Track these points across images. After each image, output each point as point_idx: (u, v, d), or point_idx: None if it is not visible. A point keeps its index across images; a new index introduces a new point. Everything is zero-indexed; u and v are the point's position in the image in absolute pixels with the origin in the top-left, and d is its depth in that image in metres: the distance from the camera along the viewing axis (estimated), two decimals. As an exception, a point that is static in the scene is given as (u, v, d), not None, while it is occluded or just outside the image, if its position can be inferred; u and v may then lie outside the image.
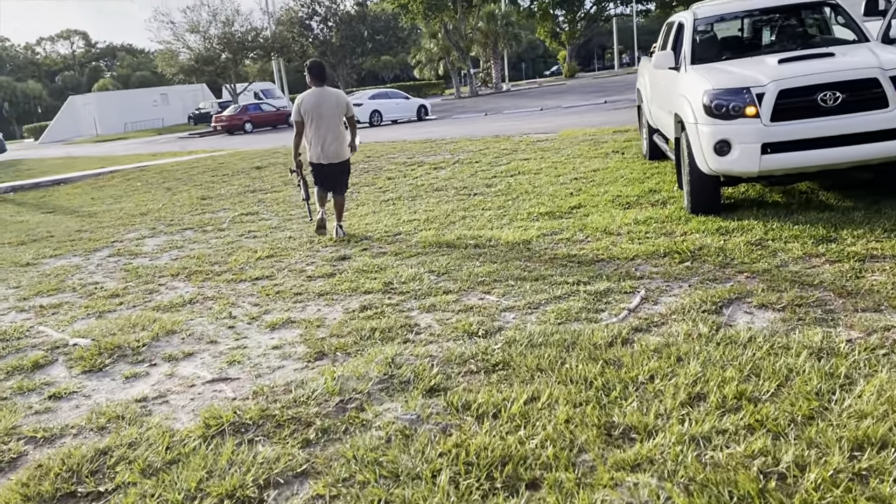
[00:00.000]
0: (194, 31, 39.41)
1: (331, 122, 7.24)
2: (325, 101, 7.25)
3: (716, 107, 5.85)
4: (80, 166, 21.34)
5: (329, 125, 7.23)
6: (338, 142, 7.31)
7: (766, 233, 5.53)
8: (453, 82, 51.00)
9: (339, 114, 7.31)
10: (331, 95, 7.34)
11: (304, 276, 5.94)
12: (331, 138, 7.26)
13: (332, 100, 7.30)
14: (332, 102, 7.29)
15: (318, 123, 7.23)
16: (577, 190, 8.37)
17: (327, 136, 7.23)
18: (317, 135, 7.25)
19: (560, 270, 5.25)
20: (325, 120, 7.21)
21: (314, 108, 7.22)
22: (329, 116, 7.22)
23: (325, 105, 7.23)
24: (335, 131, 7.28)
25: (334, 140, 7.29)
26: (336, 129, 7.29)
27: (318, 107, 7.21)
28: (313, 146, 7.32)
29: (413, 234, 7.13)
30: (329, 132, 7.24)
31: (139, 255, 7.59)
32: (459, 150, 13.51)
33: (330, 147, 7.27)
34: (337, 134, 7.30)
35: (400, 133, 21.45)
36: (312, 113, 7.22)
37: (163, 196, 12.55)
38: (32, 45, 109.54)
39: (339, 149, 7.35)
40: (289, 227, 8.39)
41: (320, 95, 7.28)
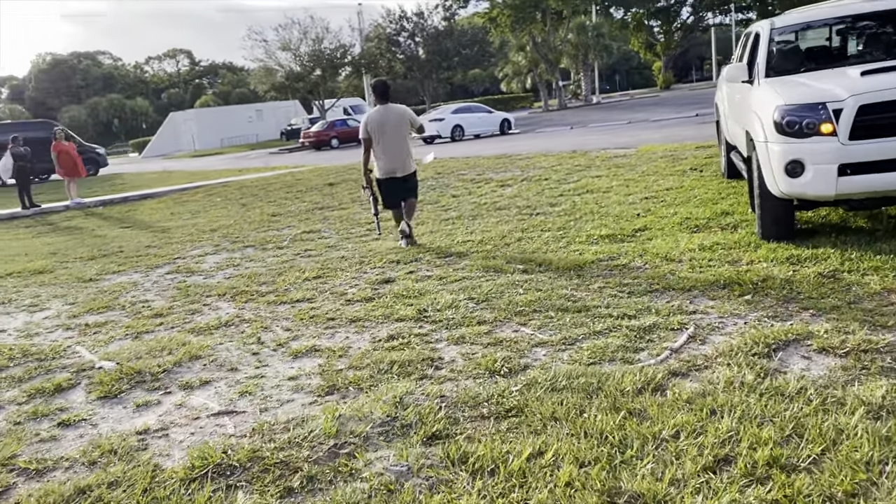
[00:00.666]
0: (286, 49, 40.60)
1: (396, 137, 7.43)
2: (389, 117, 7.44)
3: (787, 124, 5.33)
4: (173, 181, 22.18)
5: (395, 140, 7.42)
6: (404, 155, 7.52)
7: (841, 263, 4.97)
8: (541, 95, 50.52)
9: (404, 129, 7.49)
10: (395, 111, 7.51)
11: (343, 299, 5.77)
12: (398, 152, 7.46)
13: (396, 116, 7.48)
14: (396, 118, 7.46)
15: (384, 139, 7.42)
16: (645, 211, 7.90)
17: (394, 151, 7.44)
18: (384, 150, 7.45)
19: (607, 301, 4.86)
20: (390, 135, 7.39)
21: (380, 125, 7.40)
22: (394, 132, 7.41)
23: (390, 121, 7.42)
24: (401, 146, 7.48)
25: (400, 154, 7.49)
26: (402, 143, 7.48)
27: (383, 124, 7.40)
28: (382, 162, 7.53)
29: (464, 257, 6.86)
30: (395, 147, 7.43)
31: (195, 273, 7.63)
32: (531, 167, 13.17)
33: (397, 161, 7.47)
34: (403, 148, 7.50)
35: (478, 148, 21.26)
36: (378, 130, 7.40)
37: (237, 212, 12.76)
38: (141, 63, 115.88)
39: (406, 162, 7.56)
40: (344, 246, 8.28)
41: (385, 112, 7.47)
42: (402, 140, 7.51)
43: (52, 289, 7.43)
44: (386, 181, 7.63)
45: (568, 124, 30.77)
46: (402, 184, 7.63)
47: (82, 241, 10.97)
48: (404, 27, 44.67)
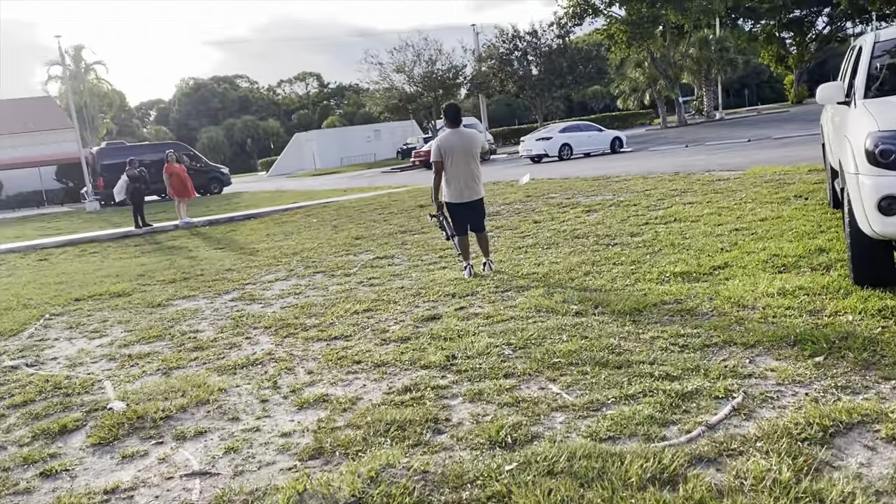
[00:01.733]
0: (399, 71, 41.23)
1: (468, 161, 7.36)
2: (461, 141, 7.36)
3: (881, 153, 4.56)
4: (281, 200, 22.82)
5: (466, 164, 7.35)
6: (475, 180, 7.46)
7: (945, 320, 4.16)
8: (659, 112, 48.77)
9: (474, 154, 7.43)
10: (466, 135, 7.46)
11: (380, 337, 5.46)
12: (468, 177, 7.39)
13: (468, 140, 7.41)
14: (468, 143, 7.39)
15: (456, 163, 7.33)
16: (731, 244, 7.14)
17: (465, 176, 7.36)
18: (455, 175, 7.36)
19: (654, 355, 4.28)
20: (461, 160, 7.32)
21: (451, 148, 7.31)
22: (466, 156, 7.33)
23: (463, 145, 7.34)
24: (471, 170, 7.40)
25: (471, 179, 7.41)
26: (473, 168, 7.42)
27: (455, 147, 7.31)
28: (453, 186, 7.42)
29: (522, 292, 6.40)
30: (465, 171, 7.35)
31: (256, 301, 7.56)
32: (624, 190, 12.45)
33: (468, 186, 7.40)
34: (473, 173, 7.43)
35: (580, 168, 20.56)
36: (450, 154, 7.31)
37: (325, 234, 12.81)
38: (274, 87, 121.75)
39: (477, 187, 7.50)
40: (409, 274, 8.00)
41: (456, 136, 7.38)
42: (472, 164, 7.41)
43: (121, 314, 7.57)
44: (455, 206, 7.51)
45: (684, 142, 29.36)
46: (471, 209, 7.51)
47: (173, 263, 11.29)
48: (517, 46, 44.39)
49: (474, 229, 7.62)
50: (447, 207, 7.58)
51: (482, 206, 7.65)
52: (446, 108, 7.61)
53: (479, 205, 7.59)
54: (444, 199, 7.57)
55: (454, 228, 7.63)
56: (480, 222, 7.63)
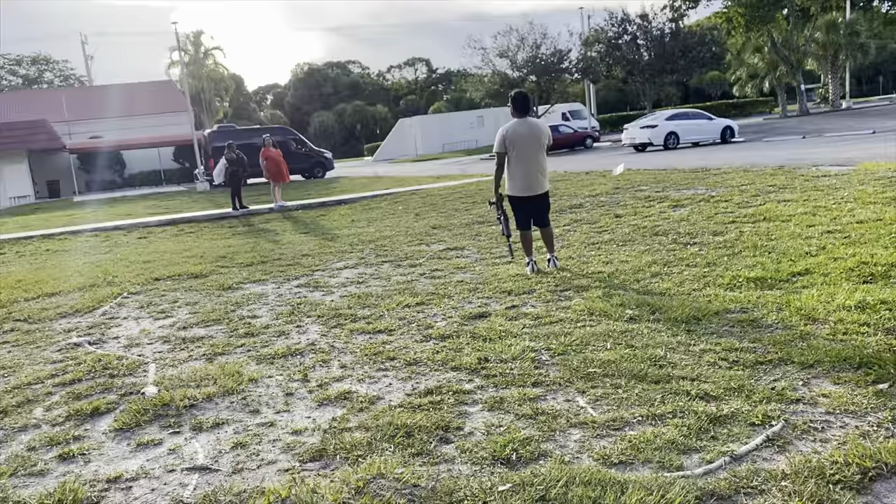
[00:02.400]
0: (503, 56, 40.79)
1: (534, 153, 7.03)
2: (528, 132, 7.01)
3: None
4: (375, 186, 23.06)
5: (533, 156, 7.03)
6: (541, 173, 7.13)
7: None
8: (779, 100, 46.09)
9: (541, 145, 7.08)
10: (533, 126, 7.09)
11: (423, 334, 5.32)
12: (534, 170, 7.07)
13: (535, 131, 7.05)
14: (535, 133, 7.04)
15: (521, 155, 7.01)
16: (819, 248, 6.55)
17: (531, 168, 7.04)
18: (520, 166, 7.05)
19: (699, 371, 3.94)
20: (528, 151, 6.99)
21: (518, 139, 6.98)
22: (532, 147, 7.01)
23: (530, 136, 7.00)
24: (538, 163, 7.08)
25: (538, 171, 7.10)
26: (539, 160, 7.09)
27: (521, 138, 6.98)
28: (517, 178, 7.12)
29: (581, 292, 6.10)
30: (532, 163, 7.04)
31: (320, 288, 7.59)
32: (720, 184, 11.75)
33: (534, 179, 7.08)
34: (538, 165, 7.10)
35: (682, 159, 19.65)
36: (516, 144, 6.98)
37: (406, 222, 12.80)
38: (384, 72, 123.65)
39: (543, 180, 7.17)
40: (473, 268, 7.82)
41: (524, 126, 7.02)
42: (539, 156, 7.08)
43: (192, 295, 7.78)
44: (518, 199, 7.21)
45: (801, 133, 27.61)
46: (535, 204, 7.20)
47: (256, 246, 11.57)
48: (627, 30, 42.94)
49: (538, 224, 7.31)
50: (510, 201, 7.30)
51: (547, 199, 7.32)
52: (514, 95, 7.24)
53: (545, 198, 7.26)
54: (506, 192, 7.28)
55: (517, 222, 7.37)
56: (545, 217, 7.31)
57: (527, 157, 7.01)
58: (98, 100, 47.26)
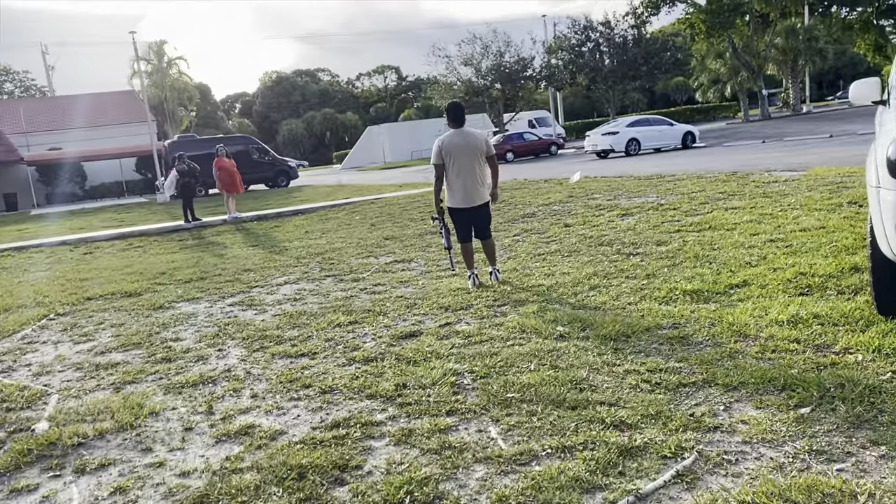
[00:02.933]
0: (467, 64, 40.72)
1: (471, 163, 6.85)
2: (464, 142, 6.86)
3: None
4: (337, 195, 22.78)
5: (470, 167, 6.85)
6: (478, 184, 6.94)
7: (970, 368, 3.47)
8: (741, 105, 46.58)
9: (478, 155, 6.89)
10: (469, 136, 6.92)
11: (347, 357, 5.08)
12: (471, 181, 6.89)
13: (472, 141, 6.89)
14: (472, 144, 6.87)
15: (458, 166, 6.85)
16: (760, 259, 6.43)
17: (468, 179, 6.87)
18: (457, 178, 6.89)
19: (618, 395, 3.75)
20: (465, 162, 6.83)
21: (454, 149, 6.84)
22: (469, 158, 6.84)
23: (466, 146, 6.84)
24: (475, 173, 6.89)
25: (474, 183, 6.91)
26: (476, 170, 6.90)
27: (457, 147, 6.84)
28: (455, 190, 6.95)
29: (518, 307, 5.92)
30: (469, 175, 6.86)
31: (253, 307, 7.30)
32: (672, 192, 11.67)
33: (472, 190, 6.90)
34: (477, 176, 6.91)
35: (640, 165, 19.63)
36: (452, 155, 6.84)
37: (359, 233, 12.54)
38: (353, 80, 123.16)
39: (482, 191, 6.98)
40: (416, 281, 7.60)
41: (460, 137, 6.89)
42: (477, 166, 6.90)
43: (121, 316, 7.45)
44: (457, 211, 7.05)
45: (761, 137, 27.87)
46: (476, 215, 7.03)
47: (200, 261, 11.22)
48: (590, 37, 43.10)
49: (479, 236, 7.16)
50: (450, 213, 7.12)
51: (487, 210, 7.14)
52: (448, 106, 7.10)
53: (485, 209, 7.08)
54: (446, 203, 7.12)
55: (458, 235, 7.18)
56: (486, 229, 7.15)
57: (464, 168, 6.85)
58: (58, 110, 46.37)
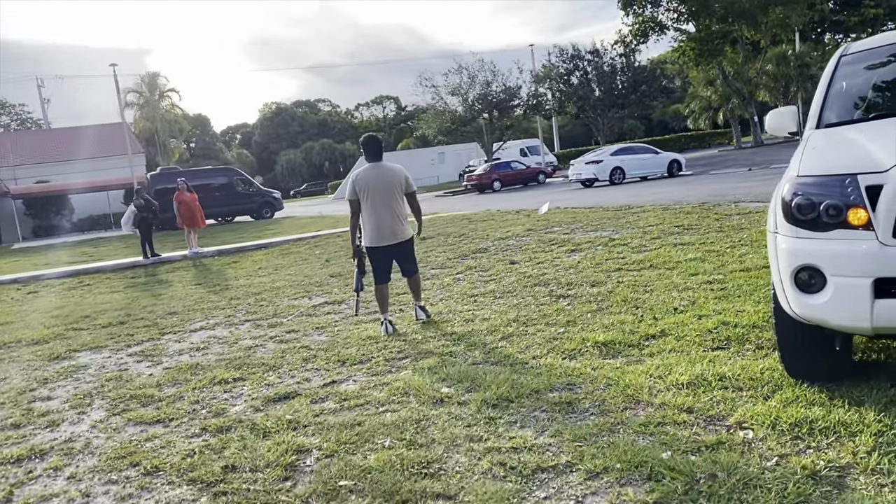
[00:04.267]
0: (454, 94, 40.51)
1: (387, 200, 6.49)
2: (381, 177, 6.51)
3: (798, 207, 3.33)
4: (312, 227, 22.30)
5: (386, 203, 6.48)
6: (395, 221, 6.54)
7: (865, 453, 2.88)
8: (733, 132, 46.22)
9: (396, 191, 6.54)
10: (387, 171, 6.56)
11: (204, 424, 4.50)
12: (388, 218, 6.50)
13: (388, 176, 6.54)
14: (388, 179, 6.53)
15: (373, 202, 6.48)
16: (689, 304, 5.86)
17: (384, 216, 6.49)
18: (372, 214, 6.51)
19: (463, 483, 3.18)
20: (381, 198, 6.46)
21: (368, 185, 6.48)
22: (385, 194, 6.47)
23: (382, 181, 6.49)
24: (393, 210, 6.52)
25: (392, 219, 6.52)
26: (394, 207, 6.52)
27: (372, 182, 6.48)
28: (368, 227, 6.57)
29: (419, 360, 5.36)
30: (384, 211, 6.48)
31: (152, 357, 6.75)
32: (630, 225, 11.12)
33: (386, 228, 6.51)
34: (395, 213, 6.53)
35: (618, 194, 19.10)
36: (367, 190, 6.47)
37: (310, 269, 12.02)
38: (352, 110, 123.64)
39: (397, 228, 6.57)
40: (332, 328, 7.07)
41: (376, 171, 6.53)
42: (393, 203, 6.51)
43: (9, 368, 6.89)
44: (373, 250, 6.64)
45: (748, 165, 27.36)
46: (395, 252, 6.66)
47: (133, 301, 10.69)
48: (578, 66, 42.85)
49: (404, 274, 6.84)
50: (368, 253, 6.67)
51: (409, 247, 6.73)
52: (364, 140, 6.72)
53: (404, 247, 6.67)
54: (364, 242, 6.65)
55: (374, 275, 6.69)
56: (409, 265, 6.79)
57: (378, 205, 6.46)
58: (48, 143, 46.21)
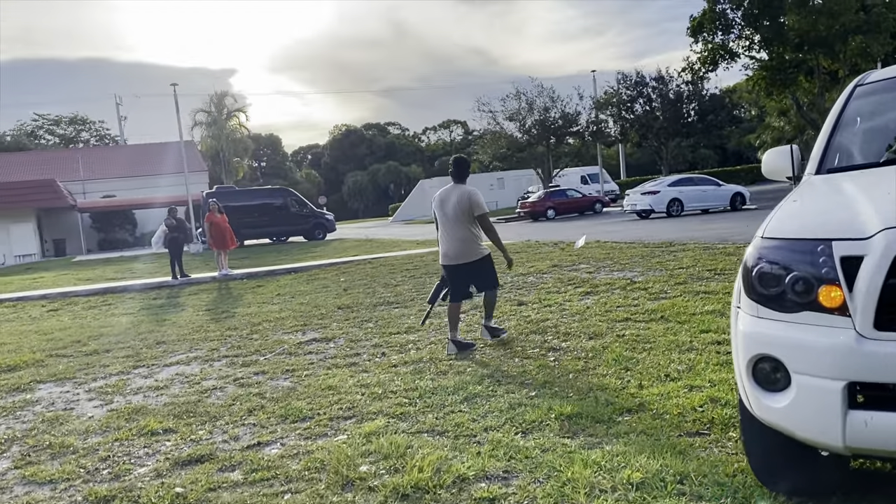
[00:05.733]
0: (512, 120, 39.85)
1: (450, 221, 6.63)
2: (449, 198, 6.67)
3: (760, 277, 2.57)
4: (354, 251, 21.98)
5: (448, 224, 6.65)
6: (456, 242, 6.63)
7: None
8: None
9: (462, 213, 6.58)
10: (455, 193, 6.67)
11: (91, 489, 3.96)
12: (447, 238, 6.69)
13: (454, 198, 6.63)
14: (454, 200, 6.62)
15: (441, 222, 6.73)
16: (686, 369, 5.04)
17: (445, 236, 6.71)
18: (441, 234, 6.77)
19: None
20: (445, 218, 6.67)
21: (441, 205, 6.72)
22: (449, 215, 6.62)
23: (448, 203, 6.65)
24: (454, 231, 6.62)
25: (451, 240, 6.66)
26: (455, 228, 6.61)
27: (442, 203, 6.70)
28: (440, 244, 6.83)
29: (363, 421, 4.72)
30: (451, 231, 6.64)
31: (106, 395, 6.28)
32: (659, 266, 10.21)
33: (451, 248, 6.67)
34: (456, 234, 6.62)
35: (668, 228, 18.05)
36: (439, 210, 6.73)
37: (322, 299, 11.53)
38: (419, 133, 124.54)
39: (460, 248, 6.64)
40: (303, 372, 6.48)
41: (449, 193, 6.72)
42: (459, 224, 6.59)
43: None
44: (445, 268, 6.85)
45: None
46: (461, 273, 6.70)
47: (134, 327, 10.38)
48: (641, 92, 41.61)
49: (480, 289, 6.81)
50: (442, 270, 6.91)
51: (475, 267, 6.67)
52: (453, 161, 6.89)
53: (469, 267, 6.65)
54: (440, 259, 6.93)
55: (450, 292, 6.80)
56: (477, 282, 6.76)
57: (444, 225, 6.69)
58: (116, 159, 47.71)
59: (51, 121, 72.83)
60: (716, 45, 40.33)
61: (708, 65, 41.03)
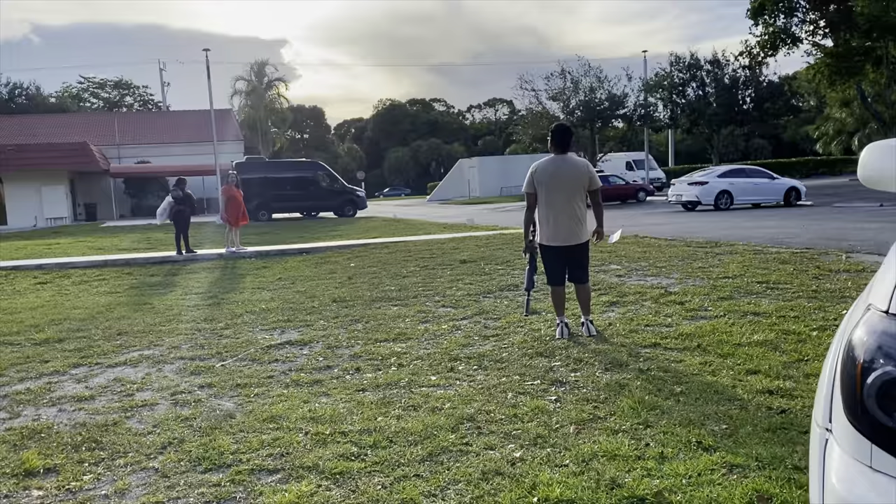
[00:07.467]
0: (555, 100, 38.13)
1: (566, 196, 5.98)
2: (562, 171, 5.99)
3: (881, 389, 1.28)
4: (377, 232, 20.91)
5: (562, 200, 5.98)
6: (573, 221, 6.04)
7: None
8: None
9: (577, 187, 6.00)
10: (571, 165, 6.03)
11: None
12: (564, 217, 6.01)
13: (571, 170, 6.00)
14: (570, 174, 5.99)
15: (549, 198, 6.02)
16: (722, 436, 3.76)
17: (561, 214, 6.01)
18: (550, 211, 6.05)
19: None
20: (560, 194, 5.98)
21: (549, 178, 6.02)
22: (566, 190, 5.97)
23: (563, 176, 5.98)
24: (571, 208, 6.00)
25: (569, 218, 6.02)
26: (572, 205, 6.00)
27: (553, 178, 6.00)
28: (544, 225, 6.15)
29: (290, 479, 3.56)
30: (562, 209, 6.00)
31: (20, 404, 5.27)
32: (700, 272, 8.83)
33: (563, 226, 6.03)
34: (573, 211, 6.02)
35: (715, 224, 16.53)
36: (546, 185, 6.02)
37: (321, 289, 10.41)
38: (464, 111, 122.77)
39: (575, 229, 6.06)
40: (254, 390, 5.34)
41: (556, 165, 6.02)
42: (574, 200, 5.99)
43: None
44: (546, 249, 6.22)
45: (881, 200, 23.84)
46: (570, 255, 6.14)
47: (108, 310, 9.40)
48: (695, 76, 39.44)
49: (573, 279, 6.23)
50: (540, 250, 6.29)
51: (585, 251, 6.20)
52: (553, 129, 6.14)
53: (580, 250, 6.15)
54: (537, 239, 6.28)
55: (548, 276, 6.29)
56: (579, 272, 6.19)
57: (555, 201, 5.99)
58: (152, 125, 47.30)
59: (96, 84, 73.20)
60: (777, 28, 38.02)
61: (767, 49, 38.75)
